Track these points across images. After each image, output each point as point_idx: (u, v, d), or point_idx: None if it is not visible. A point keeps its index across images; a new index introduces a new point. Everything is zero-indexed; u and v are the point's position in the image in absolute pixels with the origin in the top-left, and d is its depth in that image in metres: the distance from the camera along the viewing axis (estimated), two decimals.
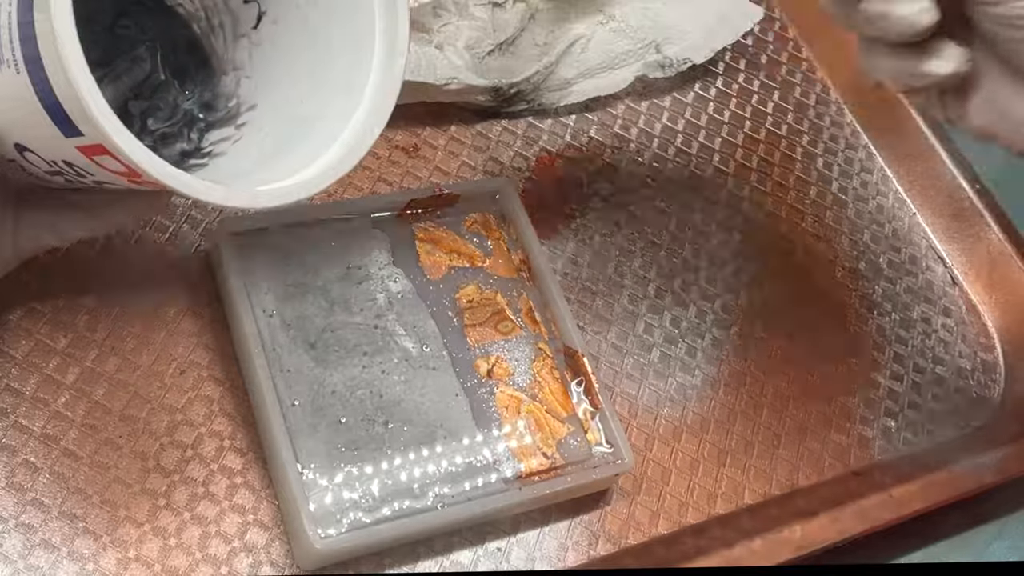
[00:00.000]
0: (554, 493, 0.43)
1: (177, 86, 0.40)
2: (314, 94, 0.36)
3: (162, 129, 0.39)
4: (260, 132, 0.37)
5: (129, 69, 0.39)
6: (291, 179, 0.33)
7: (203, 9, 0.39)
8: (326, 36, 0.35)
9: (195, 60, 0.40)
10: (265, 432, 0.42)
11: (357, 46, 0.34)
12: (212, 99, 0.40)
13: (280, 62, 0.37)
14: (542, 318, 0.48)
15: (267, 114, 0.38)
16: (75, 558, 0.39)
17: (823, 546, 0.46)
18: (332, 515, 0.40)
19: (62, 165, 0.32)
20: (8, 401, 0.41)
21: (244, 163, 0.37)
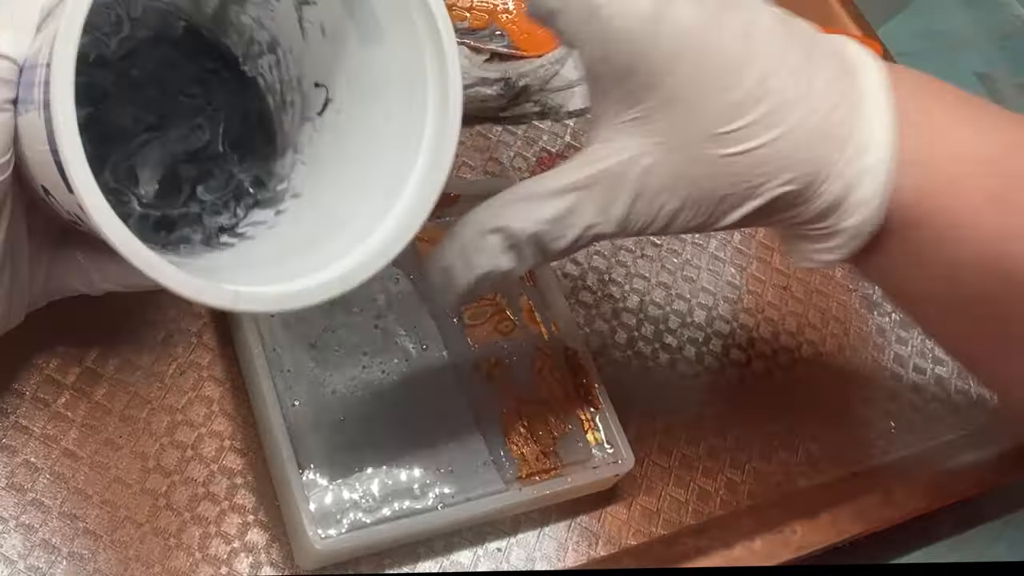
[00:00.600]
0: (554, 493, 0.43)
1: (235, 159, 0.39)
2: (352, 193, 0.33)
3: (212, 199, 0.38)
4: (295, 225, 0.35)
5: (185, 137, 0.38)
6: (294, 284, 0.30)
7: (280, 83, 0.38)
8: (380, 137, 0.33)
9: (261, 134, 0.38)
10: (265, 432, 0.42)
11: (403, 154, 0.31)
12: (266, 176, 0.38)
13: (334, 154, 0.35)
14: (542, 318, 0.48)
15: (308, 207, 0.36)
16: (75, 558, 0.39)
17: (823, 546, 0.46)
18: (332, 515, 0.40)
19: (75, 216, 0.31)
20: (8, 401, 0.41)
21: (268, 253, 0.35)
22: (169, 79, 0.38)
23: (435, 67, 0.29)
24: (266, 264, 0.32)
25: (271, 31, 0.35)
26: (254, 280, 0.30)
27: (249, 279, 0.30)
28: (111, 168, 0.36)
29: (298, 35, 0.33)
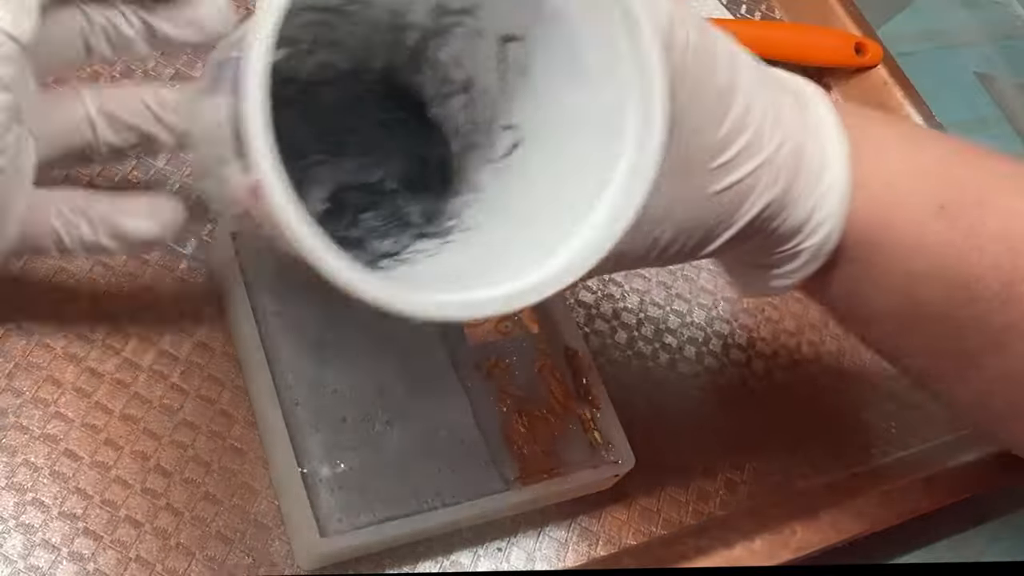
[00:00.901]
0: (554, 493, 0.43)
1: (406, 195, 0.38)
2: (531, 225, 0.32)
3: (377, 225, 0.37)
4: (463, 255, 0.34)
5: (357, 170, 0.38)
6: (473, 294, 0.29)
7: (468, 125, 0.36)
8: (567, 175, 0.31)
9: (437, 176, 0.38)
10: (265, 432, 0.42)
11: (594, 190, 0.30)
12: (437, 214, 0.37)
13: (516, 191, 0.34)
14: (542, 318, 0.47)
15: (478, 238, 0.34)
16: (75, 558, 0.39)
17: (823, 546, 0.46)
18: (332, 515, 0.40)
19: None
20: (8, 401, 0.41)
21: (426, 275, 0.34)
22: (353, 114, 0.37)
23: (639, 109, 0.28)
24: (425, 284, 0.31)
25: (468, 70, 0.34)
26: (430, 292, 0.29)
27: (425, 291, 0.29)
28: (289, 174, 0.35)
29: (495, 75, 0.32)
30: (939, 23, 0.78)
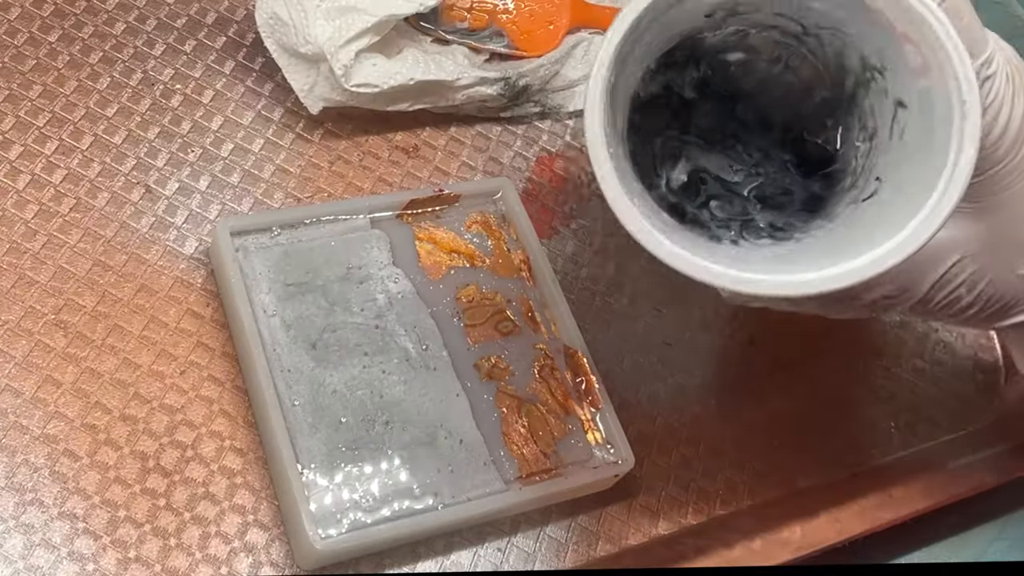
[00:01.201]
0: (554, 493, 0.43)
1: (755, 205, 0.40)
2: (864, 241, 0.36)
3: (722, 216, 0.40)
4: (795, 250, 0.38)
5: (723, 167, 0.41)
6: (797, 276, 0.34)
7: (855, 172, 0.39)
8: (903, 207, 0.35)
9: (798, 204, 0.40)
10: (265, 432, 0.42)
11: (918, 213, 0.34)
12: (784, 227, 0.39)
13: (861, 221, 0.38)
14: (542, 318, 0.48)
15: (813, 246, 0.38)
16: (75, 558, 0.39)
17: (823, 546, 0.46)
18: (332, 515, 0.40)
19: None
20: (8, 401, 0.41)
21: (764, 259, 0.38)
22: (745, 125, 0.41)
23: (953, 156, 0.33)
24: (752, 266, 0.36)
25: (877, 123, 0.38)
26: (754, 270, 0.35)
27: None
28: (662, 141, 0.40)
29: (888, 131, 0.37)
30: None
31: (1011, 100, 0.35)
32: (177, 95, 0.51)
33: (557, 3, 0.57)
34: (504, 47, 0.55)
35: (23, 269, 0.44)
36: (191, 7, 0.54)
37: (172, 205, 0.48)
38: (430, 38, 0.54)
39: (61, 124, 0.49)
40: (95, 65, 0.51)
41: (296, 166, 0.51)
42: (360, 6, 0.49)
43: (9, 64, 0.49)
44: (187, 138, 0.50)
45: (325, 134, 0.52)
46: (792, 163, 0.41)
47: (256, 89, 0.53)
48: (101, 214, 0.47)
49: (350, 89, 0.49)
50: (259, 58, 0.53)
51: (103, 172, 0.48)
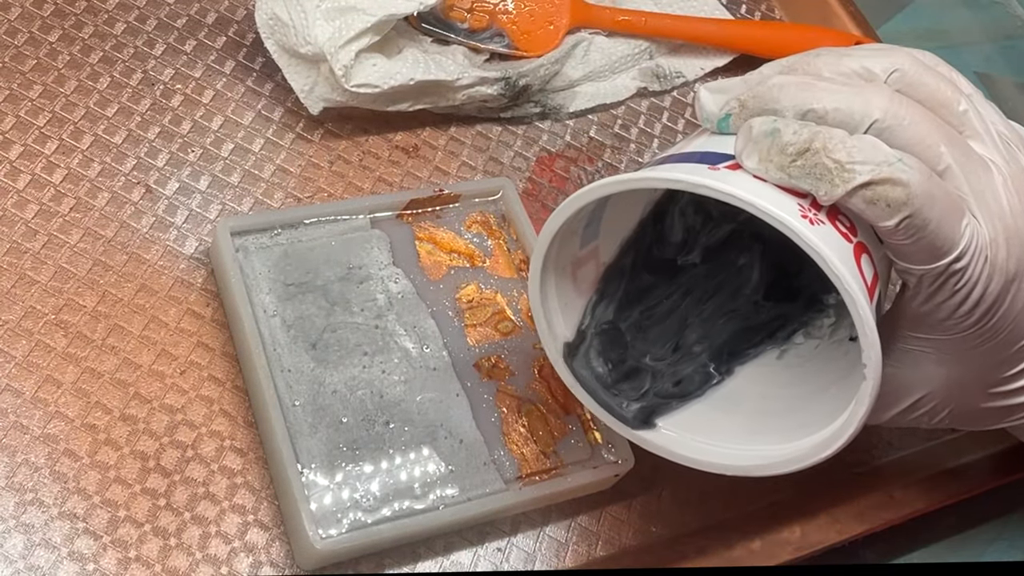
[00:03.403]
0: (554, 493, 0.43)
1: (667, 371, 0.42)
2: (789, 416, 0.39)
3: (632, 392, 0.41)
4: (716, 414, 0.41)
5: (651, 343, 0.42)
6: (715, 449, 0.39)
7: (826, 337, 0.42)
8: (822, 401, 0.38)
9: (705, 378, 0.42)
10: (265, 432, 0.42)
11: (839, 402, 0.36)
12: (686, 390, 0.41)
13: (785, 395, 0.40)
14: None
15: (738, 414, 0.40)
16: (75, 558, 0.39)
17: (823, 546, 0.46)
18: (332, 515, 0.40)
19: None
20: (8, 401, 0.41)
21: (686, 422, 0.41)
22: (709, 301, 0.42)
23: (852, 407, 0.35)
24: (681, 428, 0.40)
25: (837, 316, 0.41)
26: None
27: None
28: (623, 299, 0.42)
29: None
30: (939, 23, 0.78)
31: (987, 279, 0.34)
32: (177, 95, 0.51)
33: (557, 3, 0.57)
34: (504, 47, 0.55)
35: (23, 269, 0.44)
36: (191, 7, 0.54)
37: (172, 205, 0.48)
38: (430, 38, 0.54)
39: (61, 124, 0.49)
40: (95, 65, 0.51)
41: (296, 166, 0.51)
42: (360, 6, 0.49)
43: (9, 64, 0.49)
44: (187, 138, 0.50)
45: (325, 134, 0.52)
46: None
47: (256, 89, 0.53)
48: (101, 214, 0.47)
49: (350, 89, 0.49)
50: (259, 58, 0.53)
51: (103, 172, 0.48)
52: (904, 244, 0.33)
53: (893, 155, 0.32)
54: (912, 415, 0.40)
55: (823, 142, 0.32)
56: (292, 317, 0.44)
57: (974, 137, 0.35)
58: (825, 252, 0.32)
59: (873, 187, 0.32)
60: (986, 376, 0.38)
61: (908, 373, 0.38)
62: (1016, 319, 0.36)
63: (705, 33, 0.61)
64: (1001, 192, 0.35)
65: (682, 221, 0.42)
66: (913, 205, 0.32)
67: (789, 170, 0.33)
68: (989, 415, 0.40)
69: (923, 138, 0.33)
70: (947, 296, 0.35)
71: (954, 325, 0.36)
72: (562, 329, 0.41)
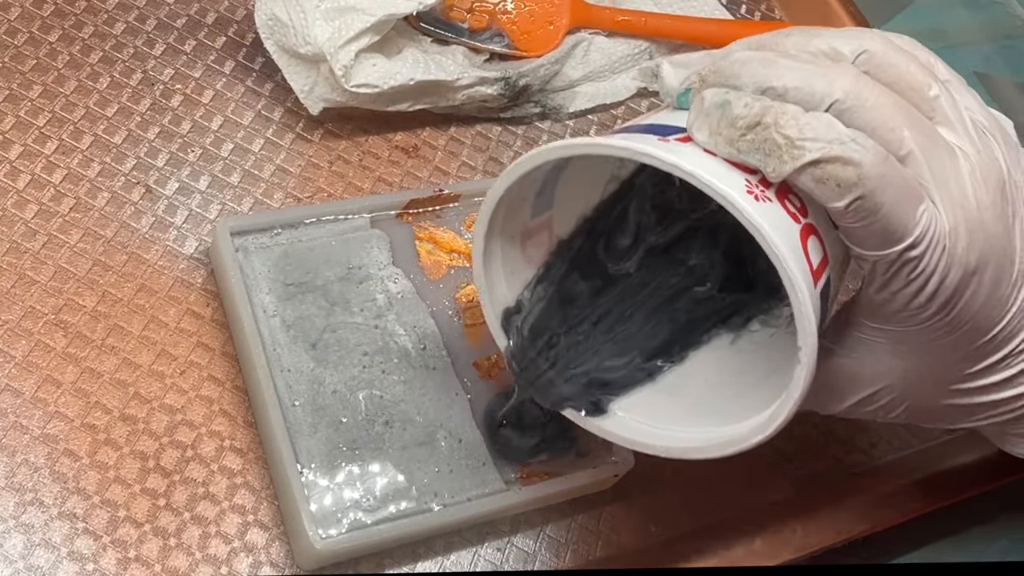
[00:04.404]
0: (554, 493, 0.43)
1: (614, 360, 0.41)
2: (729, 403, 0.38)
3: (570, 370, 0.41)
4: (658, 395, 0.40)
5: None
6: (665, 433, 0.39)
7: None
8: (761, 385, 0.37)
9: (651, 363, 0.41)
10: (265, 432, 0.42)
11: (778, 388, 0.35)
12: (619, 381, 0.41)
13: (723, 371, 0.40)
14: None
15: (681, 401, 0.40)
16: (75, 558, 0.39)
17: (823, 546, 0.46)
18: (332, 515, 0.40)
19: None
20: (8, 401, 0.41)
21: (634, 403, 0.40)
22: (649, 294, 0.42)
23: (786, 392, 0.35)
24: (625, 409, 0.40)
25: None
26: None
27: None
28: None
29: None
30: (939, 23, 0.77)
31: (944, 270, 0.33)
32: (177, 95, 0.51)
33: (557, 3, 0.57)
34: (504, 47, 0.55)
35: (23, 269, 0.44)
36: (191, 7, 0.54)
37: (172, 205, 0.48)
38: (430, 38, 0.54)
39: (61, 124, 0.49)
40: (95, 65, 0.51)
41: (296, 166, 0.51)
42: (359, 6, 0.49)
43: (9, 64, 0.49)
44: (187, 138, 0.50)
45: (325, 134, 0.52)
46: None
47: (256, 89, 0.53)
48: (101, 214, 0.47)
49: (350, 89, 0.49)
50: (259, 58, 0.53)
51: (103, 172, 0.48)
52: (855, 227, 0.32)
53: (847, 134, 0.31)
54: (868, 407, 0.39)
55: (774, 117, 0.31)
56: (292, 317, 0.44)
57: (944, 124, 0.34)
58: (764, 228, 0.31)
59: (823, 165, 0.31)
60: (945, 372, 0.37)
61: (865, 364, 0.37)
62: (977, 314, 0.35)
63: (705, 33, 0.61)
64: (967, 181, 0.33)
65: (636, 215, 0.41)
66: (864, 187, 0.31)
67: (738, 144, 0.32)
68: (949, 413, 0.39)
69: (885, 121, 0.32)
70: (902, 285, 0.34)
71: (910, 316, 0.35)
72: (504, 294, 0.40)
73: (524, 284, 0.41)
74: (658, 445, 0.38)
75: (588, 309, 0.41)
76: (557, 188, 0.39)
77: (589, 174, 0.40)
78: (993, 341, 0.36)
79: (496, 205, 0.37)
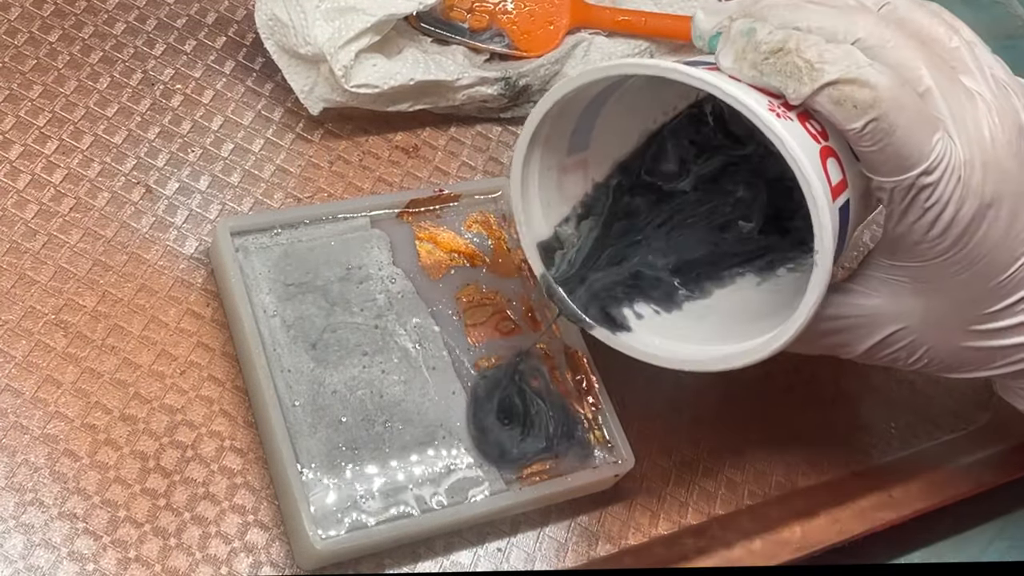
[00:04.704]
0: (554, 493, 0.43)
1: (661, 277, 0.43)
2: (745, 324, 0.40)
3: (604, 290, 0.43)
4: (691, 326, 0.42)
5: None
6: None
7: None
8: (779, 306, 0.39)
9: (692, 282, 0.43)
10: (265, 432, 0.42)
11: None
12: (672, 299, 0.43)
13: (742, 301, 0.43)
14: (542, 318, 0.47)
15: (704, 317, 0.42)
16: (75, 558, 0.39)
17: (823, 546, 0.46)
18: (332, 515, 0.40)
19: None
20: (8, 401, 0.41)
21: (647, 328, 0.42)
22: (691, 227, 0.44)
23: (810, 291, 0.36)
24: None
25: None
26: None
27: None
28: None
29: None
30: None
31: (959, 200, 0.34)
32: (177, 95, 0.51)
33: (557, 3, 0.57)
34: (504, 47, 0.55)
35: (23, 269, 0.44)
36: (191, 7, 0.54)
37: (172, 205, 0.48)
38: (430, 38, 0.54)
39: (61, 124, 0.49)
40: (95, 65, 0.51)
41: (296, 166, 0.51)
42: (360, 6, 0.49)
43: (9, 64, 0.49)
44: (187, 138, 0.50)
45: (325, 134, 0.52)
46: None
47: (256, 89, 0.53)
48: (101, 214, 0.47)
49: (350, 90, 0.49)
50: (259, 58, 0.53)
51: (103, 172, 0.48)
52: (871, 151, 0.34)
53: (864, 60, 0.33)
54: (889, 350, 0.40)
55: (796, 43, 0.33)
56: (292, 317, 0.44)
57: (964, 72, 0.36)
58: (785, 137, 0.33)
59: (840, 86, 0.33)
60: (964, 311, 0.38)
61: (885, 303, 0.38)
62: (993, 250, 0.36)
63: None
64: (983, 120, 0.35)
65: (676, 150, 0.43)
66: (879, 108, 0.33)
67: (761, 67, 0.34)
68: (971, 357, 0.39)
69: (905, 60, 0.34)
70: (918, 215, 0.35)
71: (928, 249, 0.36)
72: (540, 223, 0.42)
73: (561, 217, 0.43)
74: (677, 358, 0.40)
75: (652, 215, 0.43)
76: (593, 130, 0.41)
77: (623, 123, 0.42)
78: (1011, 280, 0.36)
79: (532, 137, 0.39)
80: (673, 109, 0.43)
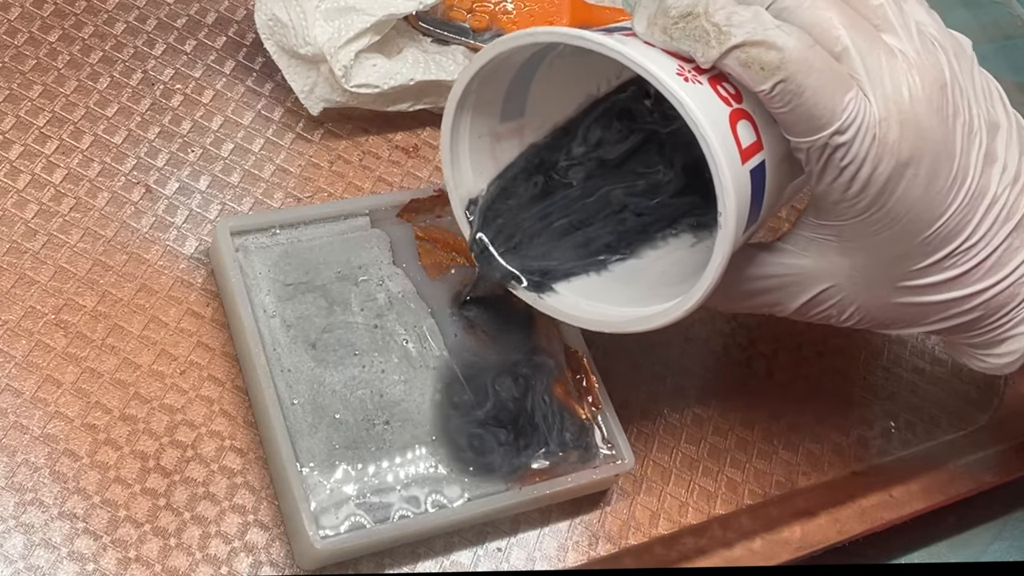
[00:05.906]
0: (554, 493, 0.43)
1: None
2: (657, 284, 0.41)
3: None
4: (611, 288, 0.42)
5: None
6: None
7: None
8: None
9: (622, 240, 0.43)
10: (265, 432, 0.42)
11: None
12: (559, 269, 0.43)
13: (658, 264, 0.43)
14: (542, 319, 0.47)
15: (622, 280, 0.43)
16: (75, 558, 0.39)
17: (823, 546, 0.46)
18: (332, 515, 0.40)
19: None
20: (8, 401, 0.41)
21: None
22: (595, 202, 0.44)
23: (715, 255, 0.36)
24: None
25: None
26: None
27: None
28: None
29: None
30: None
31: (875, 158, 0.35)
32: (177, 95, 0.51)
33: (557, 3, 0.57)
34: None
35: (23, 269, 0.44)
36: (191, 7, 0.54)
37: (172, 205, 0.48)
38: (430, 38, 0.54)
39: (61, 124, 0.49)
40: (95, 65, 0.51)
41: (296, 166, 0.51)
42: (360, 6, 0.49)
43: (9, 64, 0.49)
44: (187, 138, 0.50)
45: (325, 134, 0.52)
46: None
47: (256, 89, 0.53)
48: (101, 214, 0.47)
49: (350, 90, 0.49)
50: (259, 58, 0.53)
51: (103, 172, 0.48)
52: (782, 112, 0.34)
53: (772, 22, 0.33)
54: (820, 308, 0.40)
55: (705, 7, 0.34)
56: (292, 317, 0.44)
57: (887, 30, 0.36)
58: (686, 100, 0.33)
59: (747, 49, 0.33)
60: (891, 268, 0.38)
61: (813, 263, 0.39)
62: (914, 207, 0.36)
63: None
64: (902, 78, 0.35)
65: (599, 128, 0.43)
66: (787, 70, 0.33)
67: (671, 31, 0.34)
68: (902, 314, 0.40)
69: (821, 20, 0.34)
70: (835, 174, 0.35)
71: (848, 208, 0.36)
72: (469, 189, 0.43)
73: (491, 176, 0.43)
74: (597, 319, 0.40)
75: (582, 178, 0.44)
76: (529, 96, 0.42)
77: (562, 89, 0.42)
78: (936, 237, 0.37)
79: (458, 106, 0.40)
80: (616, 77, 0.44)
